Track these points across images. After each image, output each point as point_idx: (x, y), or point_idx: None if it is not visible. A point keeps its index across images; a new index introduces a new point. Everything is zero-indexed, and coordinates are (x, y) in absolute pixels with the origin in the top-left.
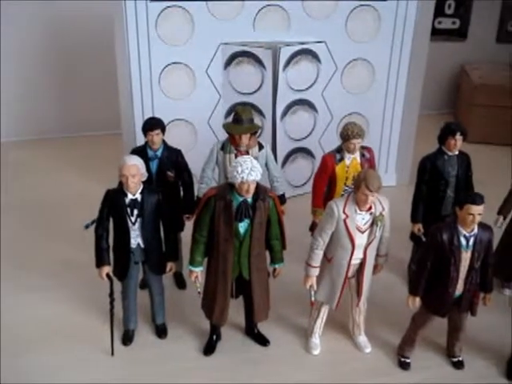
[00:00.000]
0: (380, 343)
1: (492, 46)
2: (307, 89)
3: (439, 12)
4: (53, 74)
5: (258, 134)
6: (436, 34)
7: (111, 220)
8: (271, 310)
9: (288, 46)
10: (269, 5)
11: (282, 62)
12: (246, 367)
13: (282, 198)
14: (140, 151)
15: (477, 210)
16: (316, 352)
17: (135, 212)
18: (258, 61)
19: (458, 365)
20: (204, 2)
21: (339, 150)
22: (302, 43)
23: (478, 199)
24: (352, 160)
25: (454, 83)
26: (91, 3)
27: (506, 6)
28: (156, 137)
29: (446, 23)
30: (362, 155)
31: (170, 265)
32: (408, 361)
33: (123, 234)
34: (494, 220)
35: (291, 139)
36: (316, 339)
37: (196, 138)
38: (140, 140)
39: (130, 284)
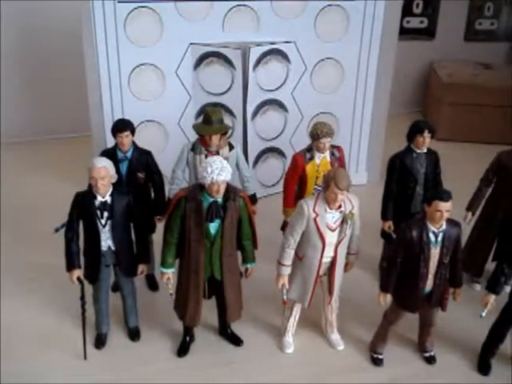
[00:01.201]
0: (353, 340)
1: (460, 45)
2: (277, 89)
3: (407, 11)
4: (21, 77)
5: (228, 134)
6: (404, 33)
7: (81, 223)
8: (244, 309)
9: (257, 46)
10: (238, 5)
11: (251, 62)
12: (219, 367)
13: (253, 198)
14: (110, 153)
15: (444, 206)
16: (289, 350)
17: (105, 214)
18: (228, 61)
19: (430, 359)
20: (172, 3)
21: (309, 149)
22: (272, 43)
23: (445, 196)
24: (322, 159)
25: (423, 82)
26: (59, 4)
27: (473, 5)
28: (125, 138)
29: (414, 22)
30: (332, 154)
31: (141, 267)
32: (380, 357)
33: (93, 236)
34: (463, 216)
35: (262, 139)
36: (289, 338)
37: (167, 139)
38: (110, 142)
39: (101, 287)
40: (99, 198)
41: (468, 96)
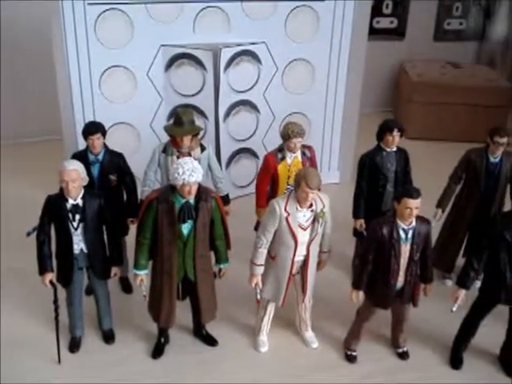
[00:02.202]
0: (327, 338)
1: (429, 45)
2: (249, 90)
3: (377, 12)
4: None
5: (199, 135)
6: (375, 33)
7: (53, 226)
8: (218, 310)
9: (228, 47)
10: (208, 6)
11: (222, 63)
12: (195, 368)
13: (226, 199)
14: (81, 156)
15: (414, 203)
16: (264, 349)
17: (77, 217)
18: (199, 62)
19: (403, 355)
20: (143, 5)
21: (281, 149)
22: (243, 44)
23: (414, 193)
24: (293, 159)
25: (394, 81)
26: (29, 5)
27: (442, 5)
28: (97, 141)
29: (384, 23)
30: (304, 154)
31: (114, 269)
32: (354, 354)
33: (66, 239)
34: (433, 213)
35: (234, 140)
36: (264, 337)
37: (139, 141)
38: (82, 145)
39: (74, 290)
40: (71, 201)
41: (437, 95)
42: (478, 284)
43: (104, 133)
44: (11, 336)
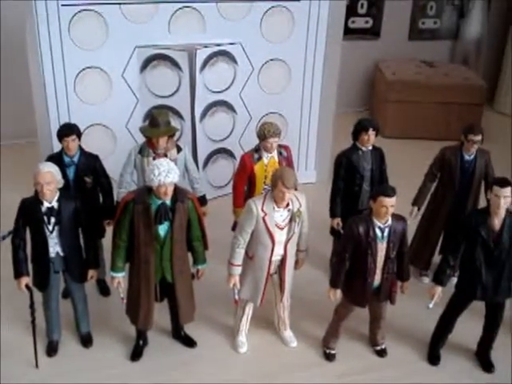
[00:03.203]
0: (305, 337)
1: (404, 44)
2: (225, 90)
3: (352, 12)
4: None
5: (176, 136)
6: (350, 33)
7: (28, 229)
8: (197, 311)
9: (204, 47)
10: (183, 7)
11: (198, 63)
12: (174, 370)
13: (203, 200)
14: (56, 158)
15: (389, 201)
16: (243, 350)
17: (52, 220)
18: (175, 63)
19: (381, 352)
20: (117, 6)
21: (257, 149)
22: (218, 45)
23: (390, 192)
24: (270, 159)
25: (369, 81)
26: (2, 6)
27: (416, 4)
28: (72, 143)
29: (360, 22)
30: (280, 154)
31: (91, 272)
32: (333, 352)
33: (41, 243)
34: (409, 211)
35: (211, 140)
36: (243, 337)
37: (115, 143)
38: (57, 147)
39: (51, 294)
40: (46, 204)
41: (412, 94)
42: (454, 281)
43: (79, 134)
44: None
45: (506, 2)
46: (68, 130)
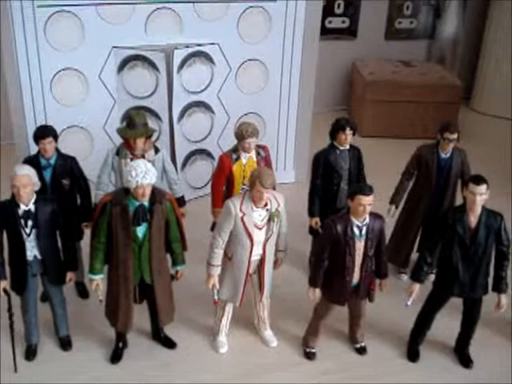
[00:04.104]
0: (285, 336)
1: (381, 43)
2: (203, 90)
3: (329, 12)
4: None
5: (153, 137)
6: (327, 33)
7: (5, 233)
8: (176, 312)
9: (181, 48)
10: (160, 8)
11: (175, 64)
12: (155, 372)
13: (181, 200)
14: (32, 160)
15: (367, 200)
16: (223, 350)
17: (29, 223)
18: (152, 64)
19: (361, 350)
20: (93, 7)
21: (235, 149)
22: (195, 45)
23: (367, 190)
24: (248, 159)
25: (347, 80)
26: None
27: (392, 4)
28: (48, 145)
29: (336, 22)
30: (258, 154)
31: (69, 275)
32: (313, 351)
33: (18, 246)
34: (387, 209)
35: (189, 141)
36: (223, 337)
37: (92, 145)
38: (34, 149)
39: (29, 298)
40: (22, 207)
41: (389, 93)
42: (432, 278)
43: (56, 137)
44: None
45: (481, 1)
46: (44, 132)
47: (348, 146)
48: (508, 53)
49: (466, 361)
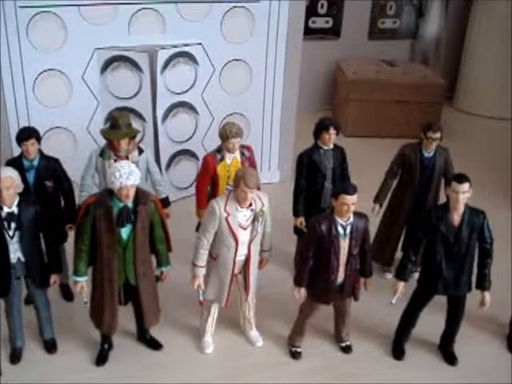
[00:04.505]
0: (271, 336)
1: (364, 43)
2: (186, 91)
3: (312, 12)
4: None
5: (138, 138)
6: (311, 33)
7: None
8: (162, 313)
9: (164, 48)
10: (143, 8)
11: (159, 65)
12: (140, 373)
13: (166, 201)
14: (15, 162)
15: (350, 199)
16: (209, 351)
17: (12, 225)
18: (135, 65)
19: (347, 349)
20: (76, 8)
21: (219, 149)
22: (179, 46)
23: (350, 189)
24: (233, 159)
25: (331, 80)
26: None
27: (375, 4)
28: (31, 147)
29: (320, 22)
30: (242, 154)
31: (53, 277)
32: (299, 350)
33: (1, 248)
34: (371, 208)
35: (174, 142)
36: (208, 338)
37: (76, 146)
38: (17, 151)
39: (12, 301)
40: (5, 209)
41: (373, 93)
42: (416, 276)
43: (38, 138)
44: None
45: (463, 1)
46: (27, 134)
47: (332, 146)
48: (490, 52)
49: (450, 358)
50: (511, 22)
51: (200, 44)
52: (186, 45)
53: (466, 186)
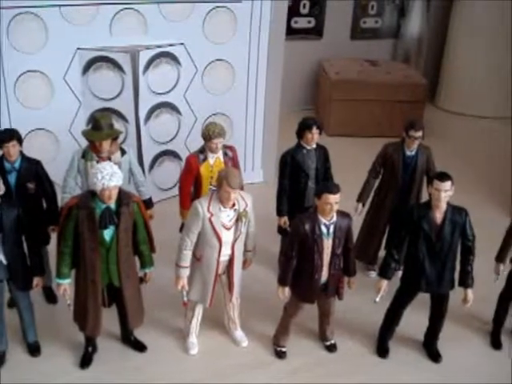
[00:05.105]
0: (256, 336)
1: (347, 43)
2: (169, 91)
3: (295, 12)
4: None
5: (120, 139)
6: (293, 33)
7: None
8: (146, 314)
9: (146, 49)
10: (124, 8)
11: (141, 65)
12: (126, 375)
13: (149, 202)
14: None
15: (333, 198)
16: (194, 352)
17: None
18: (117, 65)
19: (331, 348)
20: (57, 8)
21: (202, 150)
22: (161, 46)
23: (333, 189)
24: (215, 159)
25: (314, 80)
26: None
27: (358, 4)
28: (12, 148)
29: (302, 22)
30: (225, 154)
31: (36, 280)
32: (284, 349)
33: None
34: (354, 207)
35: (157, 143)
36: (193, 339)
37: (58, 148)
38: None
39: None
40: None
41: (355, 92)
42: (400, 274)
43: (20, 140)
44: None
45: (444, 1)
46: (8, 136)
47: (315, 145)
48: (471, 51)
49: (434, 355)
50: (492, 22)
51: (182, 44)
52: (169, 45)
53: (447, 185)
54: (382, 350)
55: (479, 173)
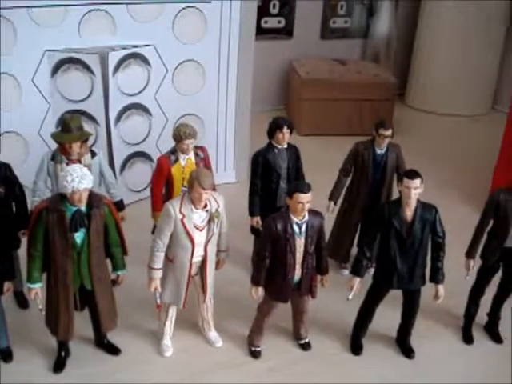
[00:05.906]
0: (230, 336)
1: (317, 43)
2: (139, 93)
3: (265, 12)
4: None
5: (90, 141)
6: (264, 33)
7: None
8: (119, 317)
9: (116, 50)
10: (93, 10)
11: (110, 66)
12: (99, 379)
13: (120, 204)
14: None
15: (305, 197)
16: (168, 354)
17: None
18: (86, 67)
19: (306, 346)
20: (25, 10)
21: (173, 151)
22: (131, 47)
23: (305, 188)
24: (187, 160)
25: (284, 79)
26: None
27: (327, 4)
28: None
29: (272, 22)
30: (197, 155)
31: (7, 285)
32: (258, 349)
33: None
34: (326, 206)
35: (127, 144)
36: (167, 341)
37: (27, 150)
38: None
39: None
40: None
41: (326, 92)
42: (372, 271)
43: None
44: None
45: (412, 0)
46: None
47: (286, 145)
48: (440, 50)
49: (407, 351)
50: (459, 21)
51: (152, 45)
52: (138, 46)
53: (417, 182)
54: (356, 347)
55: (448, 170)
